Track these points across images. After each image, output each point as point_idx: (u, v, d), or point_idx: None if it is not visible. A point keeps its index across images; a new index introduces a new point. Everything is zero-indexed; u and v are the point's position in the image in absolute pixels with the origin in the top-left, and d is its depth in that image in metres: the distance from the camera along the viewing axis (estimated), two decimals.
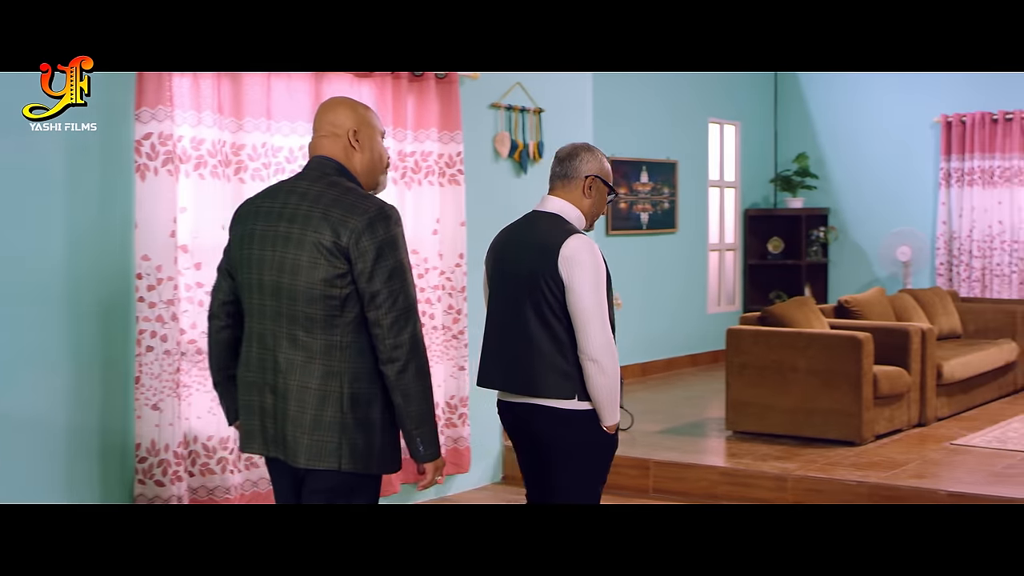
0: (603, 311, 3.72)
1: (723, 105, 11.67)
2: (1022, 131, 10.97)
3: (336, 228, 3.24)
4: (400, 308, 3.24)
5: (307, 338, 3.28)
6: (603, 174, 3.96)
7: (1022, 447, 7.19)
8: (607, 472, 3.95)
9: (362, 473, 3.31)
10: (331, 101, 3.52)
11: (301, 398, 3.28)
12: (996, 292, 11.10)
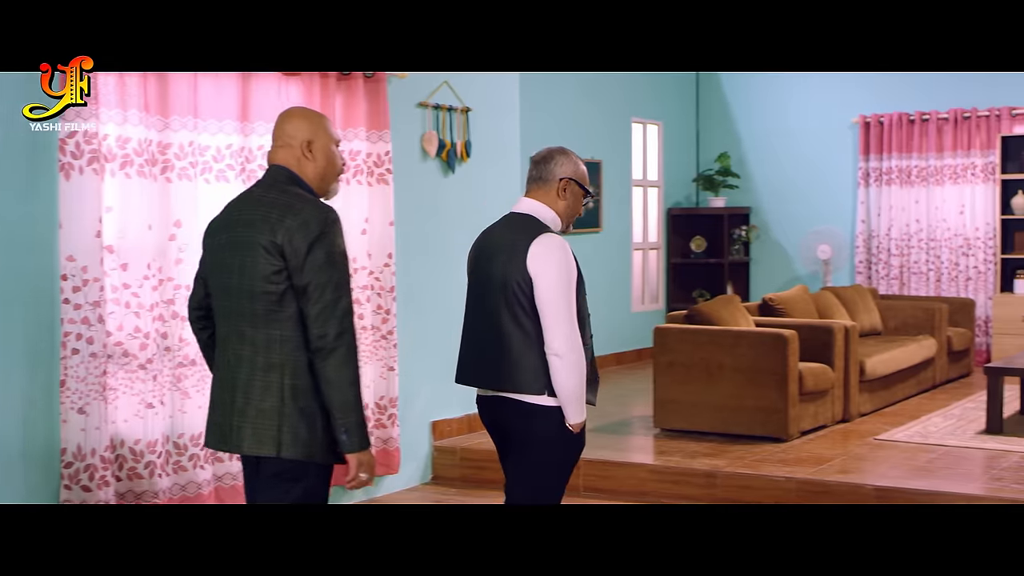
0: (570, 308, 3.81)
1: (646, 105, 11.74)
2: (938, 131, 11.17)
3: (274, 227, 3.42)
4: (327, 300, 3.38)
5: (252, 333, 3.47)
6: (578, 176, 4.04)
7: (943, 441, 7.32)
8: (570, 470, 4.01)
9: (305, 461, 3.44)
10: (288, 112, 3.68)
11: (247, 390, 3.47)
12: (914, 289, 11.29)
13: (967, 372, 10.27)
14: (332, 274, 3.41)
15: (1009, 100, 10.85)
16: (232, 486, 5.97)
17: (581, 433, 3.95)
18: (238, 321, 3.50)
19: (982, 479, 6.40)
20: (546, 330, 3.82)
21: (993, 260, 10.88)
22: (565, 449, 3.93)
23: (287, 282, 3.41)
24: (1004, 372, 7.69)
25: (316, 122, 3.62)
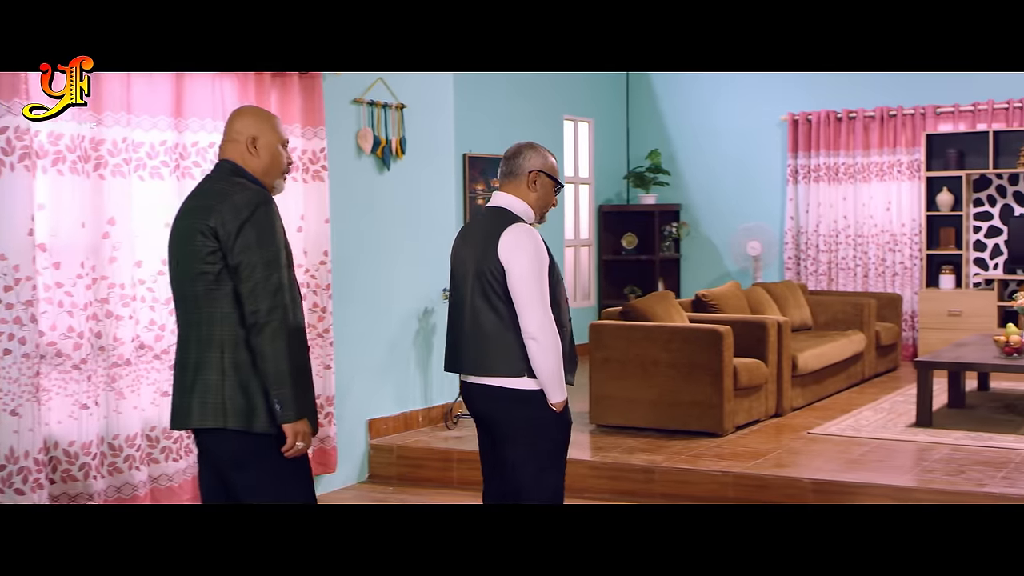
0: (542, 292, 4.00)
1: (577, 102, 11.77)
2: (865, 129, 11.33)
3: (210, 212, 3.59)
4: (257, 278, 3.54)
5: (197, 314, 3.64)
6: (547, 168, 4.21)
7: (875, 435, 7.42)
8: (565, 448, 4.20)
9: (246, 431, 3.58)
10: (239, 109, 3.86)
11: (195, 368, 3.63)
12: (842, 285, 11.45)
13: (894, 366, 10.44)
14: (263, 253, 3.55)
15: (934, 99, 11.02)
16: (168, 487, 5.90)
17: (566, 412, 4.13)
18: (186, 305, 3.68)
19: (914, 471, 6.49)
20: (521, 315, 4.00)
21: (919, 256, 11.06)
22: (555, 428, 4.11)
23: (222, 262, 3.57)
24: (933, 366, 7.81)
25: (264, 120, 3.79)
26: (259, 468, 3.63)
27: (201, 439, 3.73)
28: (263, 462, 3.63)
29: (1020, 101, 10.69)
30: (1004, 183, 10.76)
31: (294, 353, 3.61)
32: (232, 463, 3.64)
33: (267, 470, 3.63)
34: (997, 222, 10.81)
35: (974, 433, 7.40)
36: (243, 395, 3.58)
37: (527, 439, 4.08)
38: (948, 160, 10.83)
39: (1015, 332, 7.92)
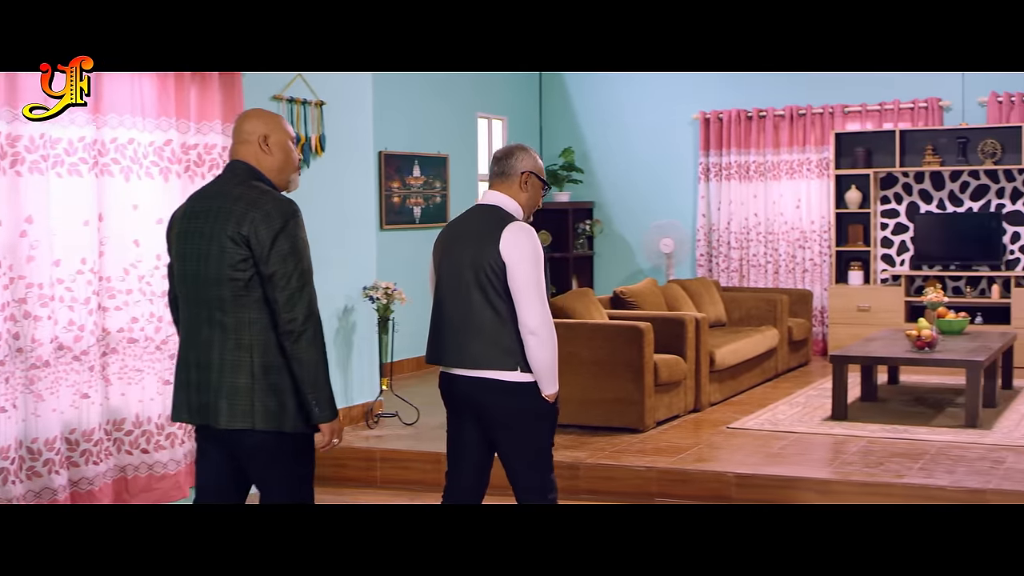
0: (541, 289, 4.14)
1: (491, 100, 11.77)
2: (775, 128, 11.49)
3: (240, 220, 3.67)
4: (293, 287, 3.66)
5: (222, 317, 3.71)
6: (536, 170, 4.35)
7: (793, 428, 7.53)
8: (552, 437, 4.32)
9: (277, 431, 3.71)
10: (245, 113, 3.94)
11: (220, 369, 3.72)
12: (753, 281, 11.60)
13: (806, 361, 10.61)
14: (297, 262, 3.68)
15: (842, 98, 11.22)
16: (88, 491, 5.77)
17: (556, 402, 4.27)
18: (207, 307, 3.74)
19: (835, 464, 6.59)
20: (521, 310, 4.12)
21: (828, 252, 11.25)
22: (545, 419, 4.25)
23: (252, 269, 3.67)
24: (848, 360, 7.95)
25: (272, 119, 3.89)
26: (282, 465, 3.78)
27: (221, 434, 3.80)
28: (287, 460, 3.77)
29: (925, 101, 10.92)
30: (910, 181, 11.00)
31: (326, 356, 3.76)
32: (257, 459, 3.77)
33: (289, 467, 3.79)
34: (904, 219, 11.03)
35: (888, 426, 7.56)
36: (274, 397, 3.71)
37: (519, 429, 4.22)
38: (856, 158, 11.03)
39: (926, 327, 8.10)
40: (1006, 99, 10.66)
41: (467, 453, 4.39)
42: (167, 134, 6.13)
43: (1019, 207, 10.64)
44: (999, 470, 6.32)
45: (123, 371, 5.99)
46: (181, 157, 6.25)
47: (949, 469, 6.36)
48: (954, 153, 10.75)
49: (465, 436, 4.38)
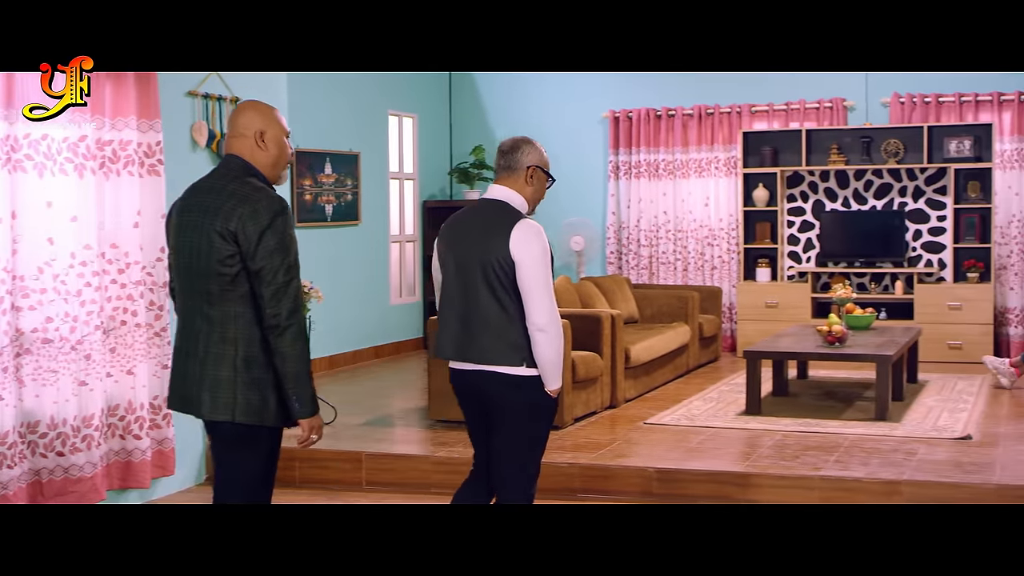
0: (549, 287, 4.19)
1: (401, 98, 11.73)
2: (684, 127, 11.62)
3: (228, 215, 3.75)
4: (279, 283, 3.73)
5: (209, 310, 3.81)
6: (543, 164, 4.38)
7: (709, 423, 7.62)
8: (548, 431, 4.42)
9: (257, 425, 3.80)
10: (242, 105, 3.99)
11: (204, 360, 3.81)
12: (662, 279, 11.71)
13: (716, 357, 10.75)
14: (283, 258, 3.74)
15: (749, 98, 11.40)
16: (2, 495, 5.63)
17: (556, 397, 4.34)
18: (197, 299, 3.84)
19: (753, 457, 6.69)
20: (529, 308, 4.19)
21: (736, 250, 11.41)
22: (546, 413, 4.35)
23: (240, 265, 3.74)
24: (762, 356, 8.07)
25: (268, 114, 3.93)
26: (253, 459, 3.85)
27: (207, 424, 3.92)
28: (258, 454, 3.85)
29: (830, 101, 11.14)
30: (816, 180, 11.20)
31: (307, 352, 3.81)
32: (230, 448, 3.87)
33: (259, 462, 3.87)
34: (810, 217, 11.24)
35: (801, 420, 7.68)
36: (256, 392, 3.79)
37: (520, 422, 4.31)
38: (763, 157, 11.21)
39: (836, 322, 8.25)
40: (908, 100, 10.92)
41: (482, 441, 4.51)
42: (82, 129, 6.00)
43: (921, 205, 10.90)
44: (912, 461, 6.47)
45: (37, 372, 5.85)
46: (96, 153, 6.12)
47: (863, 461, 6.50)
48: (858, 152, 10.98)
49: (475, 427, 4.52)
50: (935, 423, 7.51)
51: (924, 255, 10.91)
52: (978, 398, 8.45)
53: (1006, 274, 10.77)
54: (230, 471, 3.92)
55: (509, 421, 4.32)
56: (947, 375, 9.60)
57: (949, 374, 9.66)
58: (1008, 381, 8.90)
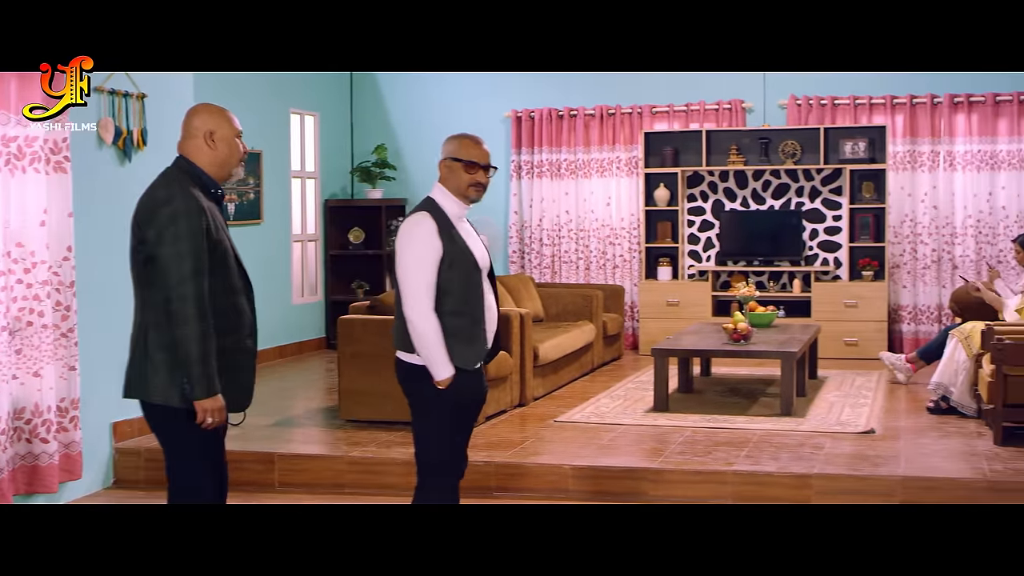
0: (414, 277, 4.31)
1: (303, 96, 11.63)
2: (586, 127, 11.71)
3: (137, 210, 4.01)
4: (170, 272, 3.88)
5: (136, 297, 4.07)
6: (454, 154, 4.50)
7: (619, 420, 7.70)
8: (454, 423, 4.48)
9: (163, 405, 3.98)
10: (195, 108, 4.15)
11: (131, 345, 4.09)
12: (565, 278, 11.79)
13: (619, 355, 10.86)
14: (173, 250, 3.88)
15: (650, 99, 11.53)
16: None
17: (451, 389, 4.36)
18: (134, 286, 4.08)
19: (664, 453, 6.76)
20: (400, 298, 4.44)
21: (638, 249, 11.53)
22: (440, 403, 4.41)
23: (144, 252, 3.94)
24: (670, 353, 8.18)
25: (219, 115, 4.11)
26: (170, 440, 4.09)
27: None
28: (174, 434, 4.06)
29: (729, 103, 11.33)
30: (716, 180, 11.37)
31: (203, 337, 3.91)
32: (155, 431, 4.11)
33: (174, 442, 4.08)
34: (710, 216, 11.41)
35: (708, 416, 7.81)
36: (160, 373, 3.95)
37: (418, 411, 4.51)
38: (664, 157, 11.35)
39: (741, 320, 8.40)
40: (804, 102, 11.15)
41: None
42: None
43: (817, 205, 11.14)
44: (820, 455, 6.62)
45: None
46: (1, 150, 5.97)
47: (773, 456, 6.63)
48: (757, 153, 11.18)
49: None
50: (838, 418, 7.69)
51: (821, 254, 11.15)
52: (877, 393, 8.67)
53: (899, 272, 11.07)
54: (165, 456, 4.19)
55: (411, 409, 4.55)
56: (845, 371, 9.83)
57: (846, 370, 9.89)
58: (904, 376, 9.14)
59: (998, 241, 10.78)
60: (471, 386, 4.49)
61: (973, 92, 10.78)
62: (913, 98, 10.91)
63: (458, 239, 4.42)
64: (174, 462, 4.14)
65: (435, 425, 4.46)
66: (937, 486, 6.10)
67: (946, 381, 7.85)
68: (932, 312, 10.98)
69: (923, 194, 10.95)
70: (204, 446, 4.11)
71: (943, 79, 10.80)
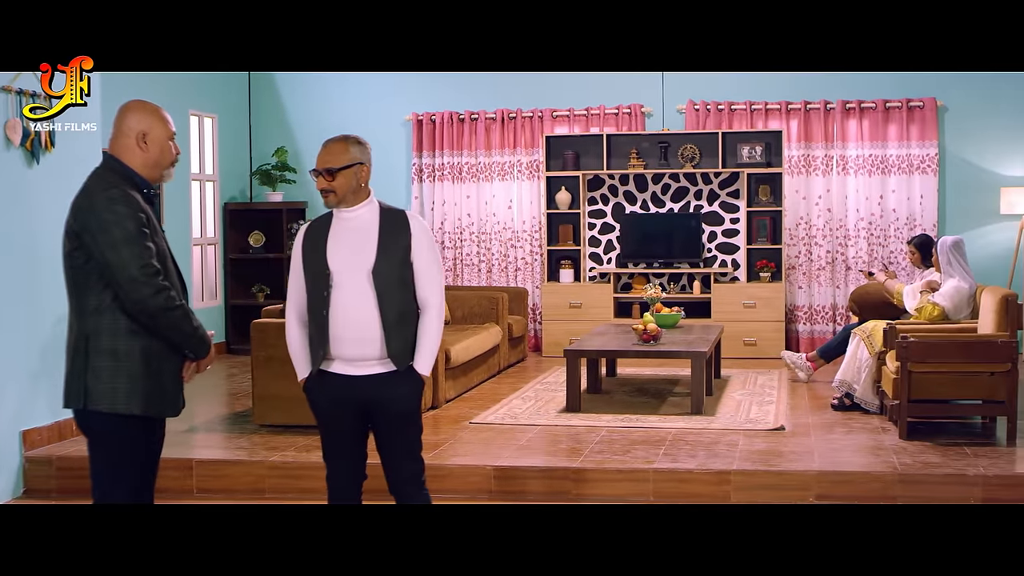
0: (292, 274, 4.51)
1: (201, 97, 11.49)
2: (487, 130, 11.77)
3: (72, 211, 3.94)
4: (129, 275, 3.81)
5: (71, 302, 3.98)
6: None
7: (534, 421, 7.76)
8: (321, 426, 4.49)
9: (107, 412, 3.91)
10: (127, 105, 4.05)
11: (68, 353, 3.99)
12: (467, 280, 11.84)
13: (523, 357, 10.96)
14: (129, 249, 3.81)
15: (551, 103, 11.65)
16: None
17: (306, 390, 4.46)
18: (69, 295, 3.98)
19: (584, 453, 6.83)
20: None
21: (540, 251, 11.63)
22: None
23: (84, 256, 3.86)
24: (582, 354, 8.27)
25: (152, 114, 4.04)
26: (108, 447, 3.99)
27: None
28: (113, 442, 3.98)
29: (628, 107, 11.49)
30: (616, 183, 11.52)
31: (184, 311, 3.98)
32: (92, 439, 4.03)
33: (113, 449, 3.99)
34: (610, 219, 11.55)
35: (620, 416, 7.91)
36: (101, 379, 3.92)
37: None
38: (566, 161, 11.46)
39: (651, 320, 8.53)
40: (702, 107, 11.36)
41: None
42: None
43: (716, 208, 11.36)
44: (736, 452, 6.76)
45: None
46: None
47: (691, 453, 6.75)
48: (656, 157, 11.36)
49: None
50: (747, 415, 7.86)
51: (719, 256, 11.37)
52: (780, 391, 8.88)
53: (795, 274, 11.34)
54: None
55: None
56: (746, 370, 10.04)
57: (747, 369, 10.11)
58: (805, 375, 9.38)
59: (889, 243, 11.12)
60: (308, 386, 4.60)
61: (864, 98, 11.11)
62: (807, 104, 11.20)
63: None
64: (107, 469, 4.01)
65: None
66: (851, 480, 6.29)
67: (849, 379, 8.07)
68: (827, 312, 11.27)
69: (817, 197, 11.25)
70: (147, 453, 4.09)
71: (836, 86, 11.11)
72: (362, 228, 4.38)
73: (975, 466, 6.39)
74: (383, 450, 4.45)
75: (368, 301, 4.30)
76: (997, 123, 11.04)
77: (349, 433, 4.43)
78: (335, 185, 4.34)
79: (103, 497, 4.02)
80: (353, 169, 4.36)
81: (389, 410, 4.37)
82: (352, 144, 4.40)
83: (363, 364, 4.33)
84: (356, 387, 4.34)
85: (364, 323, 4.29)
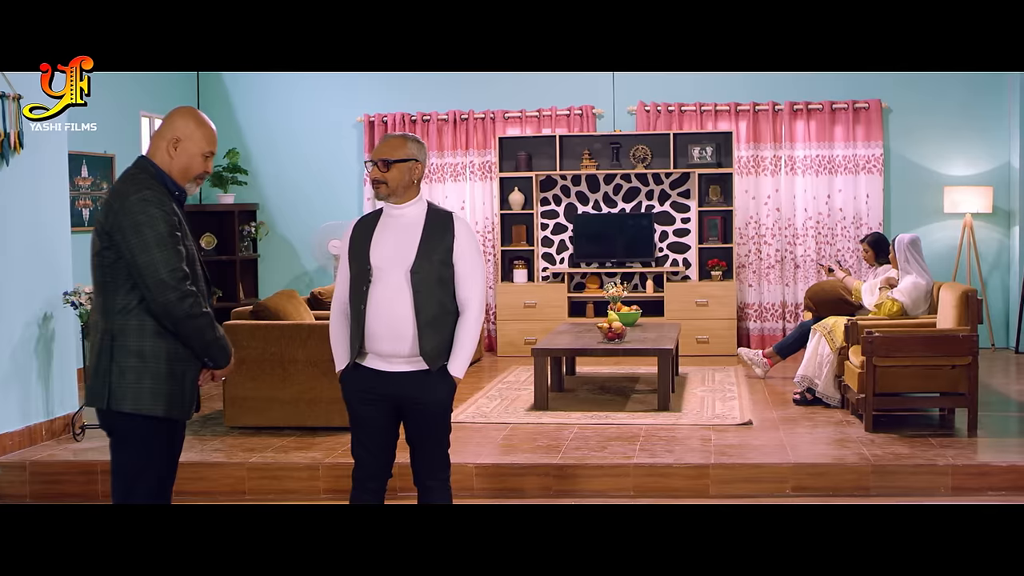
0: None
1: (152, 98, 11.40)
2: (439, 131, 11.82)
3: (104, 210, 3.96)
4: (158, 278, 3.84)
5: (97, 301, 4.00)
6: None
7: (505, 420, 7.84)
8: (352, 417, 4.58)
9: (131, 413, 3.92)
10: (180, 108, 4.15)
11: (92, 352, 4.01)
12: None
13: (479, 357, 11.01)
14: (162, 253, 3.84)
15: (503, 104, 11.73)
16: None
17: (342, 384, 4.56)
18: (94, 292, 4.03)
19: (562, 449, 6.92)
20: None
21: (493, 252, 11.70)
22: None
23: (114, 256, 3.88)
24: (548, 353, 8.36)
25: (196, 127, 4.10)
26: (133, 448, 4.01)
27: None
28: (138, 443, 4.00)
29: (580, 109, 11.60)
30: (568, 183, 11.63)
31: (210, 320, 4.01)
32: (116, 440, 4.05)
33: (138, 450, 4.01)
34: (563, 219, 11.66)
35: (589, 413, 8.02)
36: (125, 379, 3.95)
37: None
38: (518, 162, 11.55)
39: (615, 319, 8.64)
40: (653, 108, 11.51)
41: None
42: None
43: (667, 208, 11.51)
44: (710, 447, 6.89)
45: None
46: None
47: (667, 449, 6.87)
48: (608, 158, 11.49)
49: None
50: (714, 411, 8.00)
51: (671, 255, 11.53)
52: (740, 388, 9.04)
53: (745, 272, 11.53)
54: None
55: None
56: (702, 367, 10.20)
57: (703, 366, 10.27)
58: (762, 371, 9.56)
59: (836, 241, 11.35)
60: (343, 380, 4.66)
61: (811, 100, 11.33)
62: (756, 105, 11.39)
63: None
64: (130, 470, 4.03)
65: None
66: (827, 471, 6.45)
67: (811, 374, 8.25)
68: (776, 309, 11.48)
69: (766, 197, 11.45)
70: (171, 453, 4.12)
71: (784, 87, 11.32)
72: (408, 226, 4.43)
73: (943, 456, 6.58)
74: (411, 445, 4.55)
75: (404, 298, 4.34)
76: (940, 123, 11.33)
77: (377, 429, 4.48)
78: (388, 177, 4.40)
79: (123, 497, 4.02)
80: (408, 164, 4.42)
81: (419, 410, 4.43)
82: (411, 141, 4.47)
83: (395, 361, 4.38)
84: (387, 383, 4.40)
85: (398, 320, 4.33)
